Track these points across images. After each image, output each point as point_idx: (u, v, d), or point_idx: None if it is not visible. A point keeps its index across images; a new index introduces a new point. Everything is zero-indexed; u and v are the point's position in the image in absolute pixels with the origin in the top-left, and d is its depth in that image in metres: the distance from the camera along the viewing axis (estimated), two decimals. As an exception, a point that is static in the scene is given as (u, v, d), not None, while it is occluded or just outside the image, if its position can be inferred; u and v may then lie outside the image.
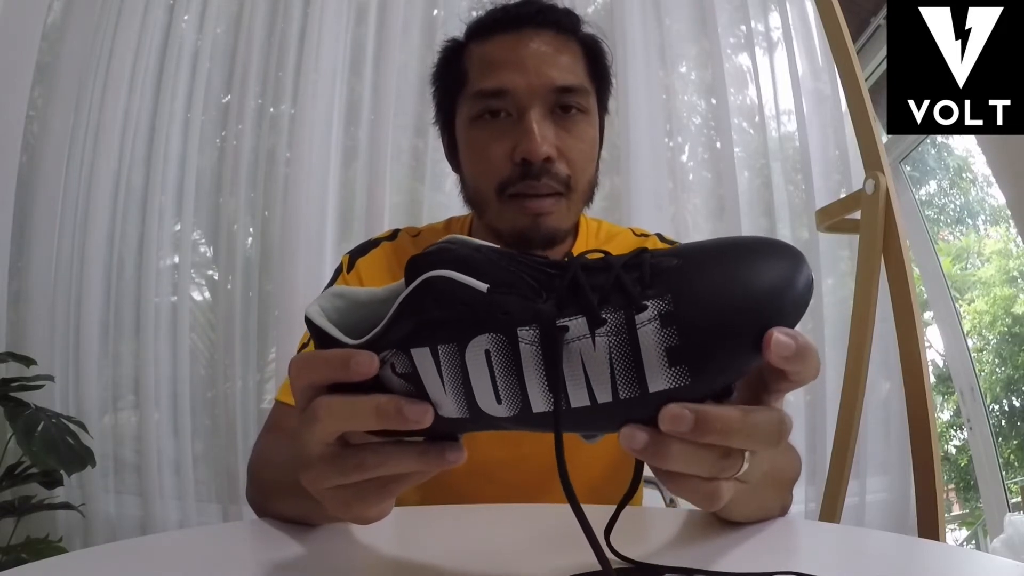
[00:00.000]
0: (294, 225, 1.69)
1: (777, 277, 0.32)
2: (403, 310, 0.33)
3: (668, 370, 0.30)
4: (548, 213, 0.67)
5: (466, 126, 0.70)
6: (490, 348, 0.32)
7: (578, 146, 0.68)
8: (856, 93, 1.12)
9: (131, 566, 0.47)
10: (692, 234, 1.74)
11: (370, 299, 0.38)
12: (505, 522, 0.58)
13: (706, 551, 0.49)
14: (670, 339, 0.30)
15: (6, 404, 1.41)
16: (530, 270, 0.33)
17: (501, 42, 0.69)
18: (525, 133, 0.65)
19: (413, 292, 0.33)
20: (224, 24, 1.84)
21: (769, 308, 0.31)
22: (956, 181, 2.74)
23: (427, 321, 0.33)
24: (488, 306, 0.32)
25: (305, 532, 0.54)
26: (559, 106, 0.67)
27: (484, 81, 0.67)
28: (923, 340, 1.05)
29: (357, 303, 0.39)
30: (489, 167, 0.67)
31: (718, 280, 0.31)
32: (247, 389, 1.70)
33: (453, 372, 0.32)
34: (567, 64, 0.68)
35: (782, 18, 1.82)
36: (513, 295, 0.32)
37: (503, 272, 0.33)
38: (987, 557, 0.54)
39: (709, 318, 0.31)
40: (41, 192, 1.74)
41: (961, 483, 2.65)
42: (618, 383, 0.31)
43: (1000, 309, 2.53)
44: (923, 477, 1.00)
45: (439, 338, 0.32)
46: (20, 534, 1.49)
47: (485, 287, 0.32)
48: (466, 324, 0.32)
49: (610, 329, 0.31)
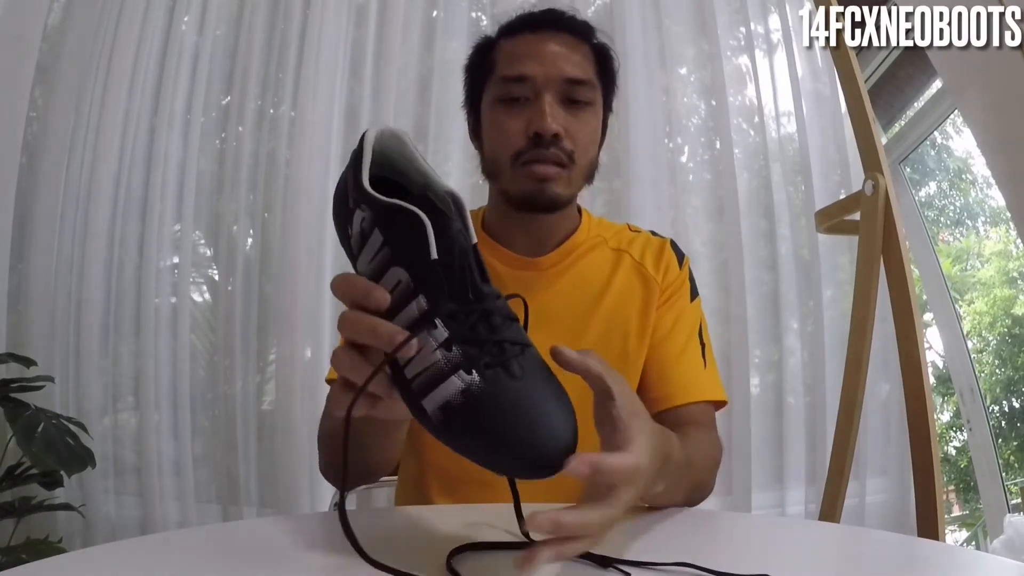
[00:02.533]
0: (294, 226, 1.69)
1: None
2: (386, 208, 0.43)
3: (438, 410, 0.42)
4: (552, 179, 0.77)
5: (490, 107, 0.82)
6: (401, 280, 0.43)
7: (583, 129, 0.79)
8: (855, 94, 1.12)
9: (131, 566, 0.47)
10: (692, 235, 1.74)
11: (413, 167, 0.48)
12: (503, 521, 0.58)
13: (706, 550, 0.49)
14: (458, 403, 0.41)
15: (6, 405, 1.41)
16: (470, 276, 0.42)
17: (525, 39, 0.81)
18: (539, 112, 0.76)
19: (396, 207, 0.43)
20: (224, 25, 1.84)
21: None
22: (956, 182, 2.75)
23: (389, 226, 0.44)
24: (425, 265, 0.42)
25: (305, 531, 0.54)
26: (569, 97, 0.79)
27: (508, 69, 0.80)
28: (923, 341, 1.05)
29: (404, 156, 0.48)
30: (507, 140, 0.78)
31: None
32: (247, 390, 1.70)
33: (374, 267, 0.44)
34: (579, 62, 0.80)
35: (781, 20, 1.82)
36: (438, 278, 0.42)
37: (457, 256, 0.42)
38: (987, 557, 0.54)
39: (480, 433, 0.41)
40: (41, 193, 1.74)
41: (961, 484, 2.65)
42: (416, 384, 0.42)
43: (1000, 310, 2.53)
44: (923, 478, 1.00)
45: (387, 242, 0.43)
46: (20, 535, 1.49)
47: (436, 254, 0.42)
48: (400, 256, 0.43)
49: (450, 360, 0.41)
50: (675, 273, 0.86)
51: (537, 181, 0.77)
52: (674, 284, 0.85)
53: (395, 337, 0.41)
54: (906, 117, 2.44)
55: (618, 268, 0.85)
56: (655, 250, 0.87)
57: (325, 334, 1.69)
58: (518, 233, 0.83)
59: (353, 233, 0.46)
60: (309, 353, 1.69)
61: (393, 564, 0.42)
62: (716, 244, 1.76)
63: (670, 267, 0.86)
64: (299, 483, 1.62)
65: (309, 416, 1.64)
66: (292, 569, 0.46)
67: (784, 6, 1.82)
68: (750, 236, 1.74)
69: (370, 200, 0.44)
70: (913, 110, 2.40)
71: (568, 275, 0.84)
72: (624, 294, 0.83)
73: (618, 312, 0.82)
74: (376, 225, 0.44)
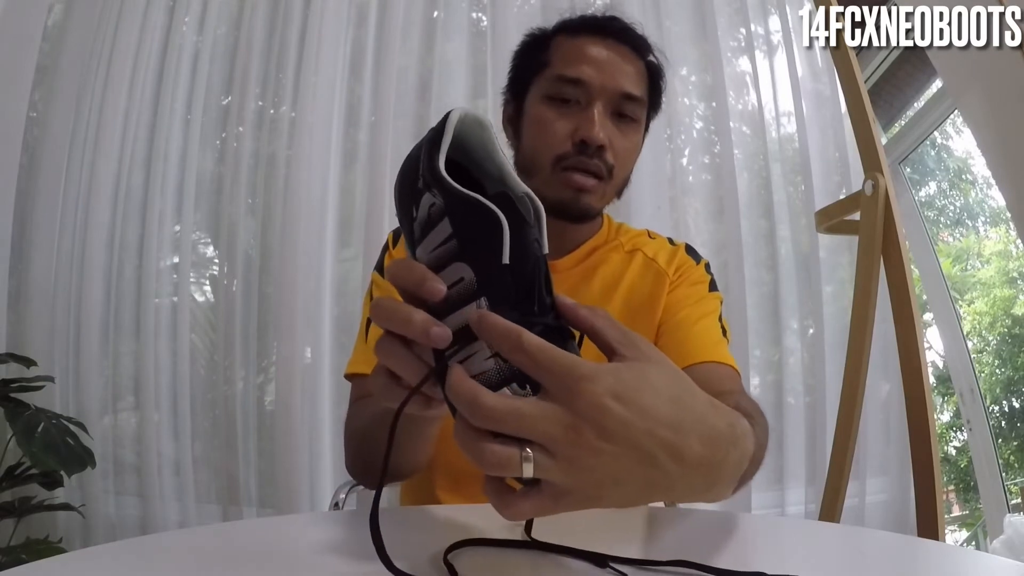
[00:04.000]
0: (294, 226, 1.69)
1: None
2: (463, 201, 0.40)
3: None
4: (589, 191, 0.77)
5: (538, 102, 0.80)
6: (464, 277, 0.39)
7: (625, 145, 0.80)
8: (855, 94, 1.12)
9: (131, 566, 0.47)
10: (692, 235, 1.74)
11: (490, 157, 0.46)
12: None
13: (706, 550, 0.49)
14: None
15: (6, 405, 1.41)
16: (537, 287, 0.40)
17: (586, 41, 0.80)
18: (588, 120, 0.76)
19: (474, 202, 0.40)
20: (224, 25, 1.84)
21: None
22: (956, 183, 2.74)
23: (463, 219, 0.40)
24: (494, 268, 0.39)
25: (306, 531, 0.54)
26: (618, 110, 0.79)
27: (566, 68, 0.78)
28: (923, 341, 1.05)
29: (484, 145, 0.46)
30: (552, 140, 0.77)
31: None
32: (247, 390, 1.70)
33: (436, 257, 0.41)
34: (634, 77, 0.80)
35: (781, 20, 1.82)
36: (505, 284, 0.39)
37: (530, 264, 0.39)
38: (987, 557, 0.54)
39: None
40: (41, 193, 1.74)
41: (961, 484, 2.65)
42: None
43: (1000, 310, 2.53)
44: (923, 478, 1.00)
45: (455, 235, 0.40)
46: (20, 535, 1.49)
47: (508, 259, 0.39)
48: (468, 253, 0.40)
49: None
50: (691, 267, 0.85)
51: (574, 190, 0.77)
52: (687, 273, 0.85)
53: (431, 330, 0.37)
54: (906, 117, 2.44)
55: (630, 265, 0.85)
56: (668, 251, 0.87)
57: (325, 334, 1.69)
58: None
59: (418, 216, 0.43)
60: (309, 353, 1.69)
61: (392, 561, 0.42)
62: (716, 244, 1.76)
63: (683, 263, 0.85)
64: (299, 483, 1.62)
65: (309, 416, 1.64)
66: (292, 569, 0.46)
67: (784, 7, 1.82)
68: (750, 236, 1.74)
69: (445, 187, 0.41)
70: (913, 110, 2.40)
71: (585, 278, 0.84)
72: (635, 287, 0.83)
73: (629, 305, 0.82)
74: (447, 214, 0.41)
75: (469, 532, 0.52)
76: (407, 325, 0.38)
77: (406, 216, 0.45)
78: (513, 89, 0.86)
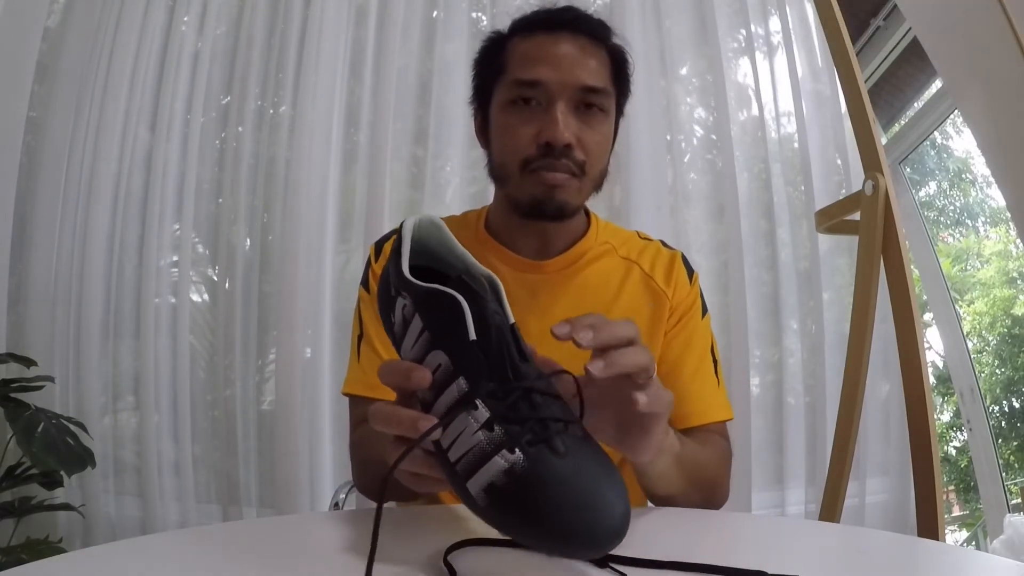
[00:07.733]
0: (294, 227, 1.69)
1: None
2: (426, 293, 0.44)
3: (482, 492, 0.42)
4: (562, 187, 0.75)
5: (500, 109, 0.78)
6: (441, 363, 0.43)
7: (595, 138, 0.77)
8: (855, 94, 1.12)
9: (131, 566, 0.47)
10: (692, 235, 1.74)
11: (451, 252, 0.50)
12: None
13: (705, 550, 0.49)
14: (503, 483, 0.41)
15: (6, 405, 1.41)
16: (508, 355, 0.42)
17: (540, 40, 0.77)
18: (551, 121, 0.74)
19: (434, 291, 0.44)
20: (224, 26, 1.84)
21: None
22: (956, 182, 2.75)
23: (428, 311, 0.45)
24: (464, 347, 0.42)
25: (305, 531, 0.54)
26: (583, 103, 0.76)
27: (522, 72, 0.76)
28: (923, 341, 1.05)
29: (443, 243, 0.50)
30: (517, 145, 0.76)
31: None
32: (247, 391, 1.70)
33: (417, 352, 0.45)
34: (595, 67, 0.77)
35: (782, 21, 1.82)
36: (476, 359, 0.42)
37: (494, 335, 0.42)
38: (987, 557, 0.54)
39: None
40: (41, 193, 1.74)
41: (961, 484, 2.65)
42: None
43: (1000, 310, 2.53)
44: (923, 478, 1.00)
45: (427, 327, 0.44)
46: (20, 535, 1.49)
47: (474, 335, 0.42)
48: (440, 340, 0.43)
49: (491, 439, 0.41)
50: (685, 290, 0.84)
51: (546, 187, 0.75)
52: (684, 303, 0.84)
53: (418, 424, 0.42)
54: (906, 117, 2.44)
55: (627, 279, 0.83)
56: (665, 263, 0.85)
57: (324, 334, 1.69)
58: (523, 236, 0.82)
59: (396, 320, 0.47)
60: (309, 353, 1.69)
61: (392, 562, 0.42)
62: (716, 244, 1.76)
63: (680, 282, 0.84)
64: (299, 483, 1.62)
65: (309, 416, 1.64)
66: (292, 569, 0.46)
67: (784, 7, 1.82)
68: (750, 237, 1.74)
69: (409, 286, 0.45)
70: (913, 110, 2.40)
71: (575, 280, 0.82)
72: (633, 306, 0.82)
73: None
74: (416, 311, 0.45)
75: (469, 532, 0.52)
76: (400, 425, 0.44)
77: (388, 324, 0.49)
78: (478, 99, 0.84)
